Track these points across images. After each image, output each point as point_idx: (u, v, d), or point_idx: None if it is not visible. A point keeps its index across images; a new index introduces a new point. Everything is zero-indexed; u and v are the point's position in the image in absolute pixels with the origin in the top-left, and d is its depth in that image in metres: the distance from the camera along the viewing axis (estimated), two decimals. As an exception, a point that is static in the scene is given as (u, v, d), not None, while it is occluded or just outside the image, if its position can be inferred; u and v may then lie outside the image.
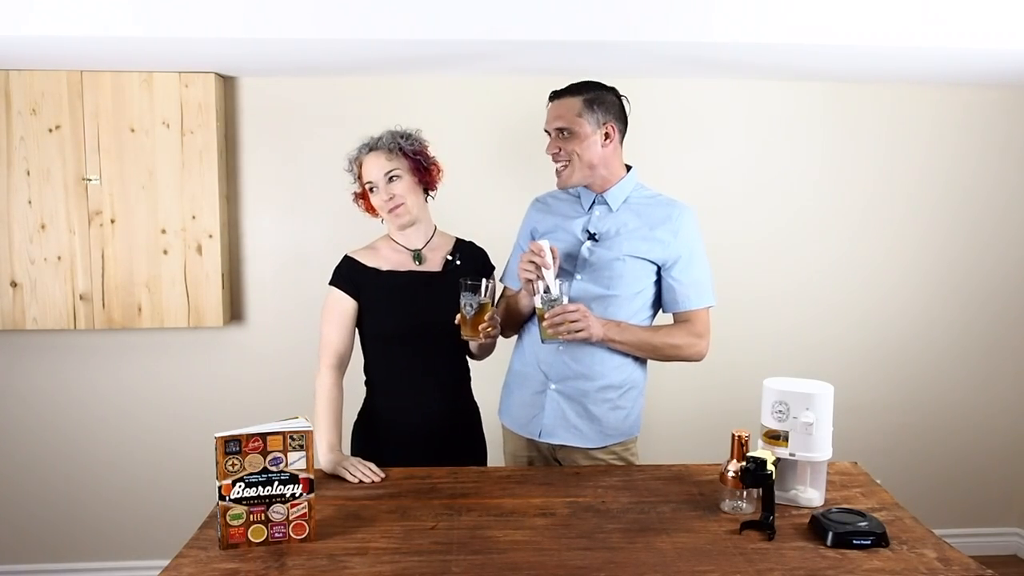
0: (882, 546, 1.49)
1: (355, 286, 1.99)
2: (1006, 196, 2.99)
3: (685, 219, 1.94)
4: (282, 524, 1.50)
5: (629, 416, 2.00)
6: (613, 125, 1.91)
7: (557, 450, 2.01)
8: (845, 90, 2.88)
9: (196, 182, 2.67)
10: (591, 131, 1.90)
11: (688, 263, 1.93)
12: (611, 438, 1.98)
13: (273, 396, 2.86)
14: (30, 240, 2.64)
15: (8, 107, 2.59)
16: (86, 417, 2.89)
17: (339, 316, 1.99)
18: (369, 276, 2.00)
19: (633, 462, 2.04)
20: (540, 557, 1.45)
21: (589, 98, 1.90)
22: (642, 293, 1.95)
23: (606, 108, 1.90)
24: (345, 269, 2.02)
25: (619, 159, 1.97)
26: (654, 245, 1.92)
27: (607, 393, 1.96)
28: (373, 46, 2.24)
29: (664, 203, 1.97)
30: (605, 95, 1.92)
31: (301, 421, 1.53)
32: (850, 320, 3.01)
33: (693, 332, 1.94)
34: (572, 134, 1.90)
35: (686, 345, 1.94)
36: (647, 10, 2.13)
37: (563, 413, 1.98)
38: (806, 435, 1.65)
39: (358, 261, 2.02)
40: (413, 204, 1.98)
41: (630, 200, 1.97)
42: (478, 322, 1.85)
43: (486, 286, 1.84)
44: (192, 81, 2.63)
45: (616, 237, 1.93)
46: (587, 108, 1.89)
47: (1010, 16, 2.17)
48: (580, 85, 1.93)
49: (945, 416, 3.08)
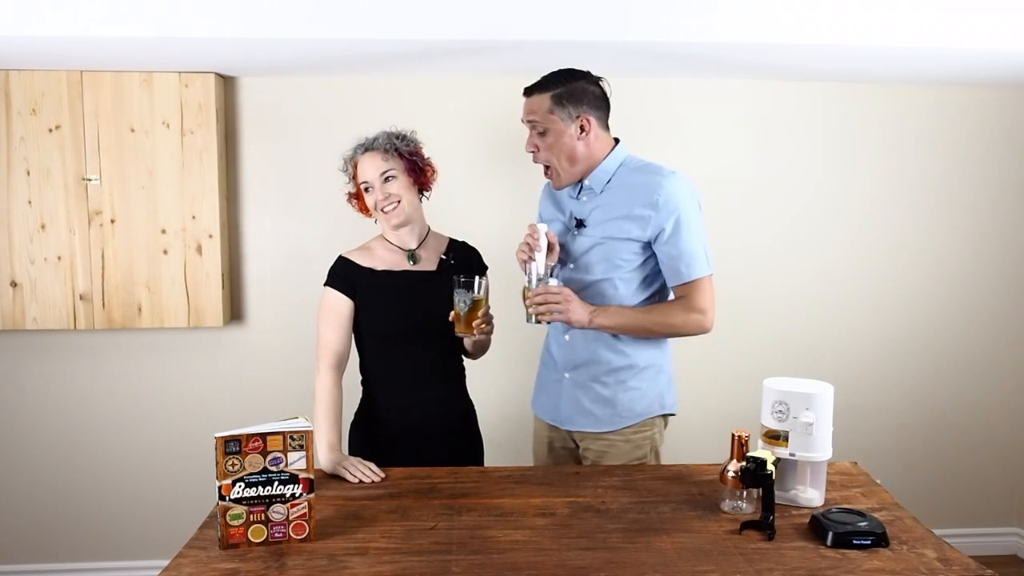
0: (882, 546, 1.49)
1: (351, 286, 2.00)
2: (1006, 196, 2.99)
3: (667, 188, 1.86)
4: (282, 524, 1.50)
5: (645, 396, 1.98)
6: (588, 116, 1.89)
7: (575, 434, 2.04)
8: (844, 90, 2.88)
9: (196, 182, 2.67)
10: (564, 127, 1.89)
11: (675, 234, 1.86)
12: (626, 420, 1.97)
13: (273, 396, 2.86)
14: (30, 240, 2.64)
15: (8, 107, 2.59)
16: (86, 417, 2.88)
17: (336, 316, 1.99)
18: (365, 276, 2.00)
19: (657, 446, 2.02)
20: (540, 557, 1.45)
21: (558, 93, 1.88)
22: (634, 273, 1.92)
23: (577, 100, 1.88)
24: (340, 269, 2.02)
25: (601, 143, 1.94)
26: (634, 223, 1.88)
27: (619, 375, 1.96)
28: (373, 46, 2.24)
29: (648, 173, 1.91)
30: (576, 85, 1.89)
31: (301, 421, 1.53)
32: (850, 320, 3.01)
33: (690, 307, 1.88)
34: (546, 131, 1.90)
35: (682, 323, 1.90)
36: (646, 10, 2.13)
37: (577, 400, 2.01)
38: (806, 435, 1.65)
39: (353, 261, 2.02)
40: (407, 204, 1.98)
41: (616, 177, 1.94)
42: (472, 319, 1.88)
43: (479, 283, 1.87)
44: (192, 81, 2.62)
45: (598, 221, 1.93)
46: (557, 104, 1.88)
47: (1010, 16, 2.17)
48: (550, 79, 1.90)
49: (945, 416, 3.08)
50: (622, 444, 1.99)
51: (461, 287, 1.86)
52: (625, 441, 1.99)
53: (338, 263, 2.04)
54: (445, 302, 1.90)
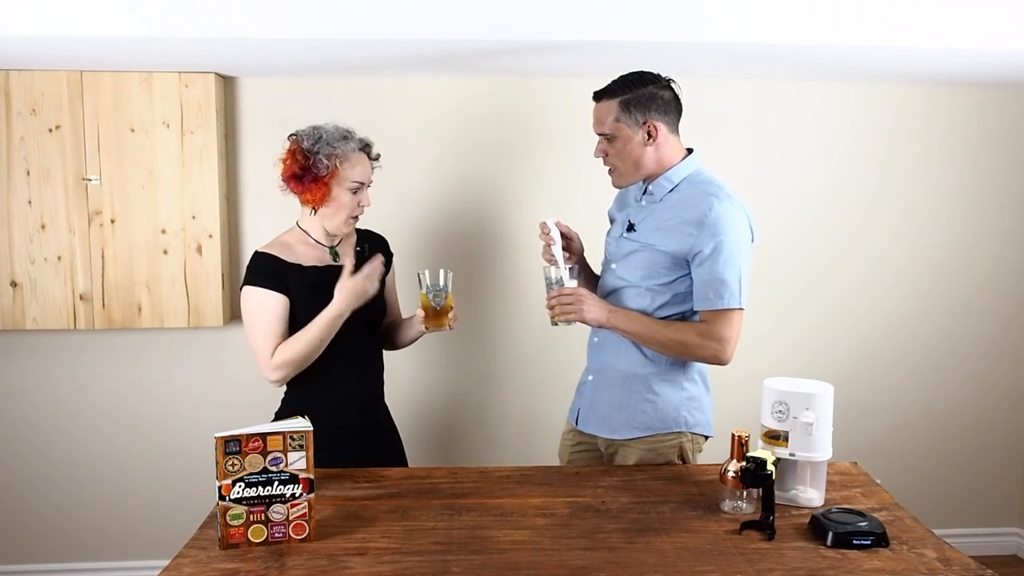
0: (882, 546, 1.49)
1: (283, 284, 1.90)
2: (1006, 196, 2.99)
3: (716, 210, 1.82)
4: (282, 524, 1.50)
5: (659, 409, 1.94)
6: (655, 123, 1.87)
7: (597, 439, 2.04)
8: (843, 90, 2.88)
9: (196, 182, 2.67)
10: (632, 133, 1.87)
11: (712, 258, 1.82)
12: (636, 430, 1.95)
13: (273, 396, 2.84)
14: (30, 240, 2.64)
15: (8, 107, 2.59)
16: (86, 417, 2.88)
17: (271, 320, 1.88)
18: (295, 274, 1.92)
19: (672, 460, 1.96)
20: (540, 557, 1.45)
21: (626, 100, 1.86)
22: (667, 287, 1.90)
23: (645, 106, 1.86)
24: (267, 266, 1.91)
25: (671, 149, 1.91)
26: (677, 237, 1.86)
27: (635, 383, 1.95)
28: (374, 46, 2.23)
29: (705, 191, 1.87)
30: (644, 91, 1.86)
31: (301, 421, 1.53)
32: (850, 320, 3.01)
33: (709, 334, 1.83)
34: (614, 138, 1.89)
35: (696, 345, 1.85)
36: (645, 10, 2.12)
37: (594, 403, 2.03)
38: (806, 435, 1.65)
39: (279, 258, 1.93)
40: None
41: (678, 189, 1.91)
42: (445, 312, 1.94)
43: (446, 276, 1.93)
44: (192, 81, 2.62)
45: (647, 228, 1.93)
46: (624, 111, 1.87)
47: (1010, 16, 2.17)
48: (618, 84, 1.89)
49: (945, 416, 3.08)
50: (633, 453, 1.96)
51: (431, 282, 1.92)
52: (643, 451, 1.95)
53: (262, 260, 1.92)
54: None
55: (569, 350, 2.71)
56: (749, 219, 1.90)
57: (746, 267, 1.87)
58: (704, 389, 2.01)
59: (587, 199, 2.48)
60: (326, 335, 1.89)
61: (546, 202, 2.84)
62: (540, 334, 2.91)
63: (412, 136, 2.80)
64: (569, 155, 2.82)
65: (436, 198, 2.85)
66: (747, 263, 1.87)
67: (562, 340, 2.81)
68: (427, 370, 2.92)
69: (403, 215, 2.80)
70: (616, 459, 2.00)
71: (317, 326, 1.88)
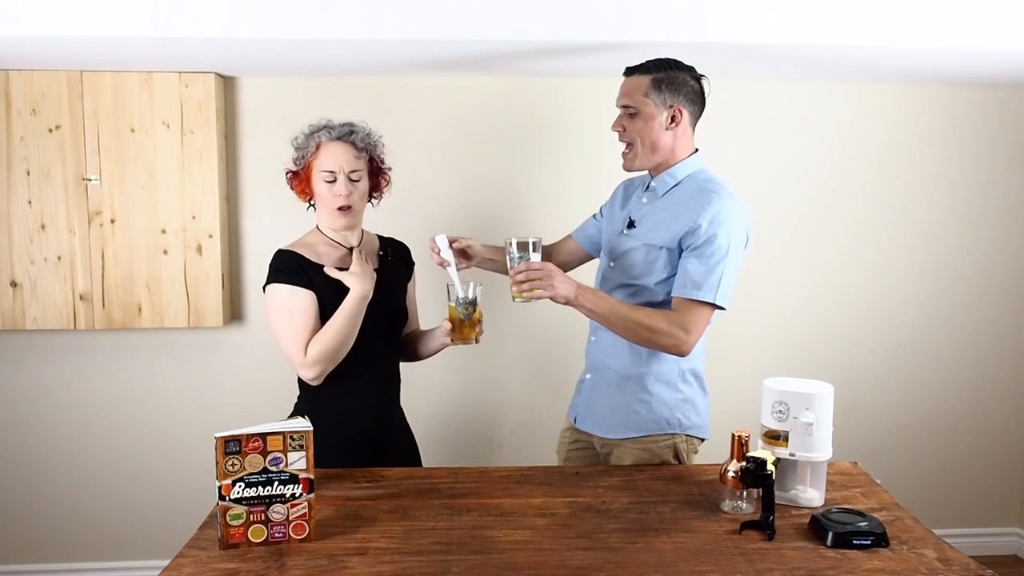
0: (882, 546, 1.49)
1: (309, 280, 1.85)
2: (1006, 196, 2.99)
3: (715, 206, 1.80)
4: (282, 524, 1.50)
5: (652, 410, 1.93)
6: (681, 108, 1.86)
7: (593, 438, 2.04)
8: (843, 90, 2.88)
9: (196, 182, 2.67)
10: (656, 112, 1.86)
11: (700, 249, 1.79)
12: (633, 430, 1.94)
13: (273, 396, 2.84)
14: (30, 240, 2.64)
15: (8, 107, 2.59)
16: (86, 417, 2.88)
17: (302, 316, 1.82)
18: (320, 273, 1.86)
19: (668, 460, 1.94)
20: (540, 557, 1.45)
21: (659, 77, 1.85)
22: (666, 284, 1.87)
23: (675, 89, 1.85)
24: (293, 264, 1.86)
25: (686, 141, 1.91)
26: (672, 232, 1.84)
27: (631, 383, 1.94)
28: (374, 46, 2.24)
29: (706, 189, 1.85)
30: (678, 75, 1.86)
31: (301, 421, 1.53)
32: (850, 320, 3.01)
33: (676, 321, 1.79)
34: (637, 113, 1.87)
35: (663, 332, 1.78)
36: (643, 10, 2.12)
37: (591, 402, 2.02)
38: (806, 435, 1.65)
39: (304, 256, 1.89)
40: (361, 207, 1.94)
41: (680, 187, 1.90)
42: (472, 326, 1.87)
43: (476, 290, 1.86)
44: (192, 81, 2.62)
45: (647, 226, 1.92)
46: (654, 88, 1.85)
47: (1010, 16, 2.17)
48: (654, 63, 1.88)
49: (945, 416, 3.08)
50: (627, 453, 1.97)
51: (461, 294, 1.84)
52: (637, 451, 1.95)
53: (288, 258, 1.88)
54: (387, 300, 1.91)
55: (569, 350, 2.71)
56: (747, 221, 1.89)
57: (733, 267, 1.83)
58: (700, 391, 2.00)
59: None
60: (355, 320, 1.82)
61: (546, 202, 2.84)
62: (541, 334, 2.91)
63: (412, 136, 2.80)
64: (570, 155, 2.82)
65: (437, 198, 2.85)
66: (735, 263, 1.84)
67: (562, 340, 2.81)
68: (427, 370, 2.92)
69: (406, 215, 2.80)
70: (611, 459, 2.00)
71: (345, 311, 1.81)
